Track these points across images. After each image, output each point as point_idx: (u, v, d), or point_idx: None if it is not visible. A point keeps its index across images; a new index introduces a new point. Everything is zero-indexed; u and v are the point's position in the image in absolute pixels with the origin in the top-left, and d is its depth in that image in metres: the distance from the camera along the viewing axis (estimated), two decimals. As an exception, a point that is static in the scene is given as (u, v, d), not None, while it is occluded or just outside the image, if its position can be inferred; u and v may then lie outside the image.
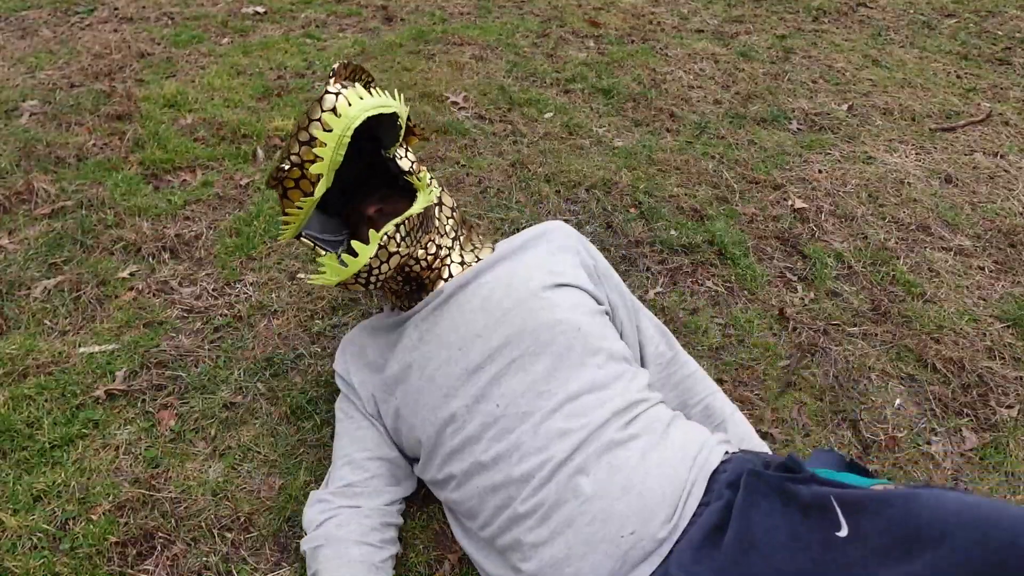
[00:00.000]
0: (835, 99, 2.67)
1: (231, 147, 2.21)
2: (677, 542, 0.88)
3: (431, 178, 1.17)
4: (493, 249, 1.20)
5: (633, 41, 3.13)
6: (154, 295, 1.66)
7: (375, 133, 1.11)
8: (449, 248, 1.17)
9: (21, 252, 1.75)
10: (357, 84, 1.03)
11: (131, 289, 1.67)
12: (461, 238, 1.21)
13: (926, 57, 3.06)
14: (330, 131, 0.97)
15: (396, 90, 1.14)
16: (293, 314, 1.62)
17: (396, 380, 1.11)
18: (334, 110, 0.98)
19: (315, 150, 0.98)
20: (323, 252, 1.14)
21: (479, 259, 1.18)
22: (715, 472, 0.94)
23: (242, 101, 2.49)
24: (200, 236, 1.84)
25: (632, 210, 2.01)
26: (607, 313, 1.18)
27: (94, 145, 2.19)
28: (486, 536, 0.99)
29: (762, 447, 1.20)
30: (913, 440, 1.40)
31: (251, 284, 1.70)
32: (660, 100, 2.60)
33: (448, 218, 1.20)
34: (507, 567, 0.98)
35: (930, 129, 2.49)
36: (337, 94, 0.98)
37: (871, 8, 3.61)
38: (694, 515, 0.90)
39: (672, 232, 1.91)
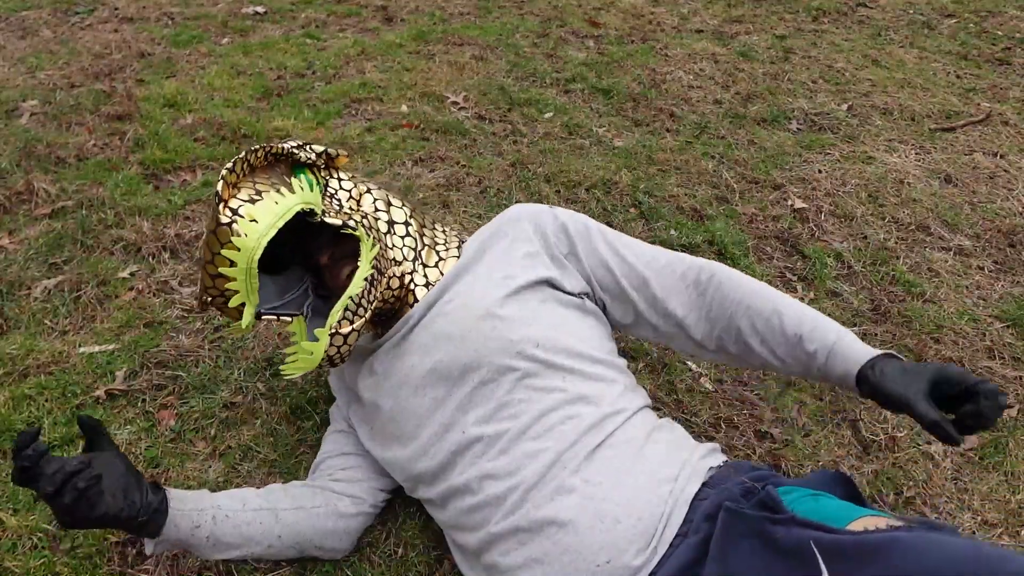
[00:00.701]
0: (835, 99, 2.67)
1: (231, 147, 2.21)
2: (652, 574, 0.87)
3: (374, 199, 1.11)
4: (459, 255, 1.15)
5: (633, 41, 3.13)
6: (154, 295, 1.66)
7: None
8: (412, 271, 1.10)
9: (21, 252, 1.75)
10: (246, 202, 0.97)
11: (131, 289, 1.67)
12: (423, 253, 1.13)
13: (926, 57, 3.06)
14: (235, 264, 0.96)
15: (300, 173, 1.06)
16: (293, 314, 1.62)
17: (367, 410, 1.12)
18: (230, 242, 0.95)
19: (228, 284, 0.98)
20: (289, 319, 1.08)
21: (443, 273, 1.12)
22: (696, 497, 0.91)
23: (242, 101, 2.49)
24: (200, 236, 1.84)
25: (632, 210, 2.01)
26: (584, 295, 1.11)
27: (94, 145, 2.19)
28: (472, 550, 1.00)
29: (854, 360, 0.96)
30: (913, 440, 1.40)
31: (251, 284, 1.70)
32: (660, 100, 2.60)
33: (403, 237, 1.12)
34: None
35: (930, 129, 2.49)
36: (231, 222, 0.95)
37: (871, 8, 3.61)
38: (671, 545, 0.88)
39: (672, 232, 1.91)
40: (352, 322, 1.00)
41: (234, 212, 0.95)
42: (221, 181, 0.96)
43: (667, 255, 1.13)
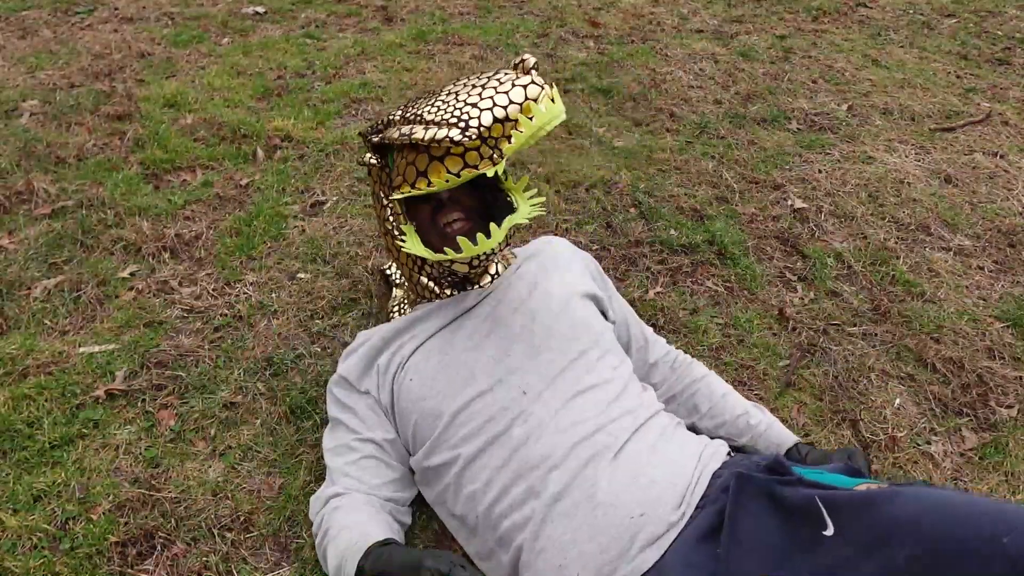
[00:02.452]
0: (835, 99, 2.67)
1: (231, 147, 2.21)
2: (674, 541, 0.91)
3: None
4: (514, 255, 1.26)
5: (633, 41, 3.13)
6: (154, 295, 1.66)
7: None
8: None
9: (21, 252, 1.75)
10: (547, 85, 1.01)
11: (131, 289, 1.67)
12: None
13: (926, 57, 3.06)
14: (531, 119, 0.96)
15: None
16: (293, 314, 1.62)
17: (418, 366, 1.12)
18: (537, 100, 0.96)
19: (509, 131, 0.96)
20: (406, 220, 1.15)
21: (509, 263, 1.23)
22: (713, 476, 0.98)
23: (242, 101, 2.49)
24: (200, 236, 1.84)
25: (632, 210, 2.01)
26: (612, 325, 1.25)
27: (94, 145, 2.19)
28: (494, 518, 1.00)
29: (786, 436, 1.23)
30: (913, 440, 1.40)
31: (251, 284, 1.70)
32: (660, 100, 2.60)
33: None
34: (507, 549, 0.99)
35: (930, 129, 2.49)
36: (542, 87, 0.97)
37: (871, 8, 3.61)
38: (692, 514, 0.93)
39: (672, 232, 1.91)
40: (508, 240, 1.12)
41: (543, 85, 0.98)
42: (533, 60, 1.00)
43: (660, 340, 1.37)
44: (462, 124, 0.97)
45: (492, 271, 1.19)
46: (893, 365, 1.55)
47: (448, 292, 1.18)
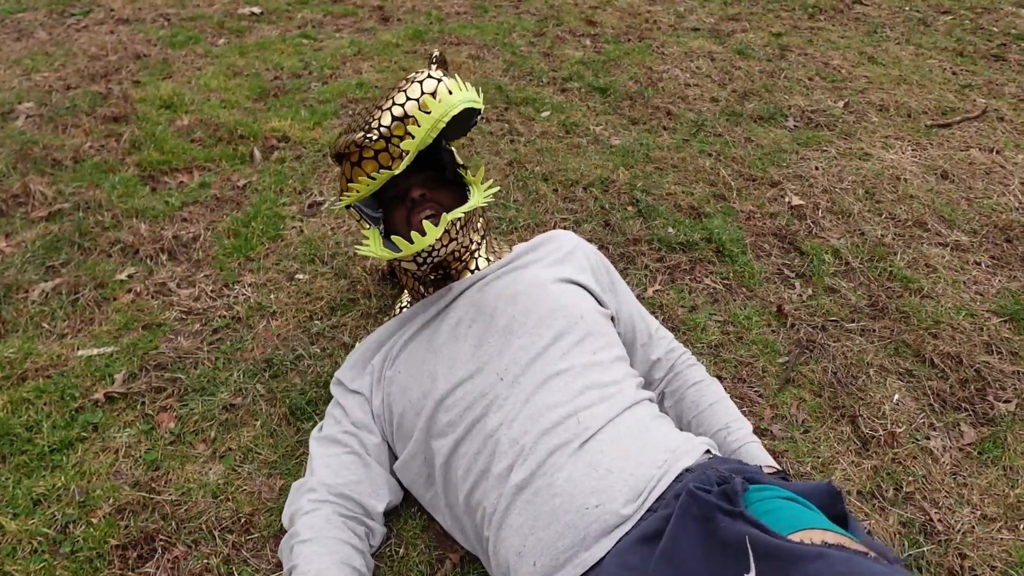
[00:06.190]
0: (831, 96, 2.67)
1: (228, 148, 2.21)
2: (623, 537, 0.90)
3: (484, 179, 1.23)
4: (511, 250, 1.30)
5: (629, 40, 3.13)
6: (152, 297, 1.66)
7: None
8: (478, 244, 1.25)
9: (18, 255, 1.75)
10: (447, 77, 1.07)
11: (129, 291, 1.67)
12: (488, 238, 1.30)
13: (922, 54, 3.06)
14: (428, 113, 1.02)
15: (478, 88, 1.16)
16: (292, 315, 1.62)
17: (404, 360, 1.17)
18: (434, 94, 1.03)
19: (408, 127, 1.03)
20: (367, 225, 1.21)
21: (500, 257, 1.28)
22: (678, 477, 0.95)
23: (239, 102, 2.48)
24: (198, 237, 1.83)
25: (629, 208, 2.01)
26: (611, 318, 1.25)
27: (91, 147, 2.19)
28: (472, 505, 1.03)
29: (763, 458, 1.17)
30: (912, 435, 1.40)
31: (249, 285, 1.70)
32: (657, 98, 2.61)
33: (479, 216, 1.27)
34: (480, 536, 1.02)
35: (926, 125, 2.49)
36: (439, 80, 1.04)
37: (867, 5, 3.61)
38: (644, 515, 0.92)
39: (670, 230, 1.91)
40: (457, 232, 1.14)
41: (441, 78, 1.05)
42: (437, 53, 1.09)
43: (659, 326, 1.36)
44: (367, 127, 1.07)
45: (472, 267, 1.24)
46: (891, 361, 1.56)
47: (431, 290, 1.25)
